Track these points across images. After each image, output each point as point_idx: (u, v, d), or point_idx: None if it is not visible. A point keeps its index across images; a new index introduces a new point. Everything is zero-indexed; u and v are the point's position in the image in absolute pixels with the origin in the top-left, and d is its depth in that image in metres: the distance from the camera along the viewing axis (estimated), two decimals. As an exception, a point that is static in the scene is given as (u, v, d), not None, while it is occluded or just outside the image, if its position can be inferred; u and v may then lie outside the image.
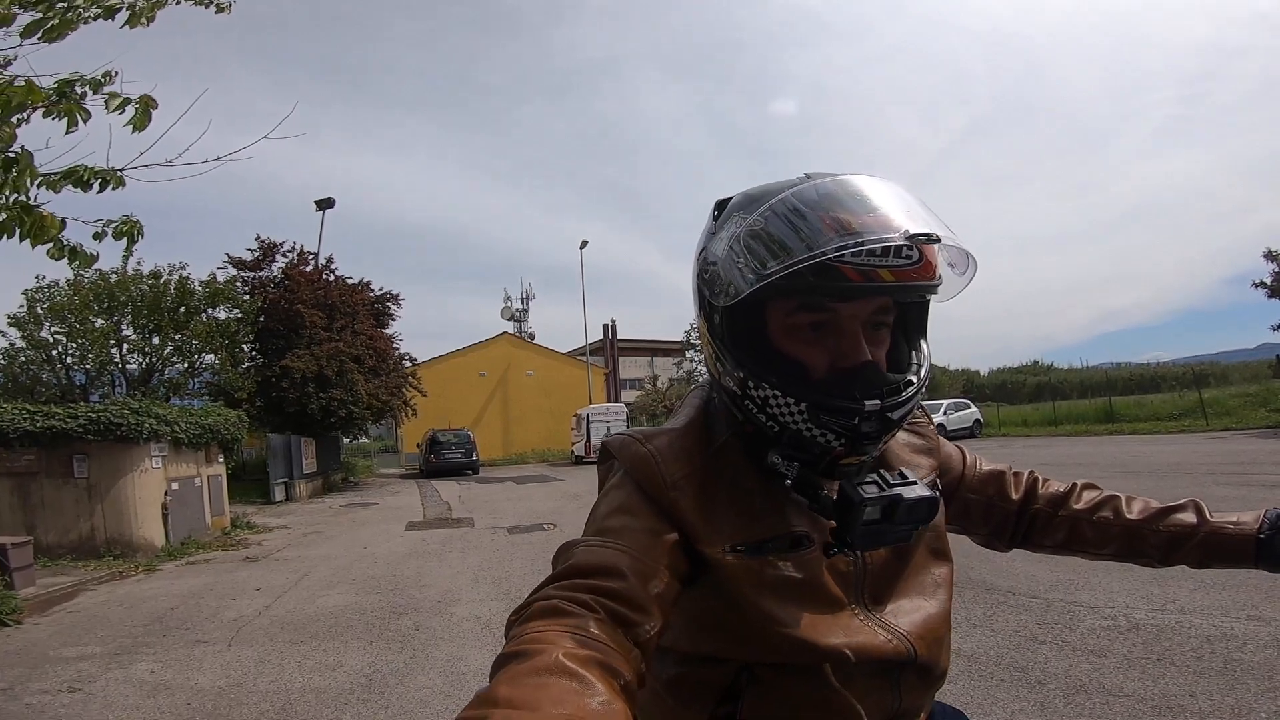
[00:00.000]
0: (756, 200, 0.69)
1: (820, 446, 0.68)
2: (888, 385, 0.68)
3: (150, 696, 3.65)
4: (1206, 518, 0.82)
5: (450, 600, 5.39)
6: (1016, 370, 44.11)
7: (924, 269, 0.66)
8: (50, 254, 2.78)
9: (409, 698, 3.40)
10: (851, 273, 0.63)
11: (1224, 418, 17.59)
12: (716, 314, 0.72)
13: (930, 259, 0.67)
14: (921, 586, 0.78)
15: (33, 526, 8.11)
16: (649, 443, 0.73)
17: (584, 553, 0.64)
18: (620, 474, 0.74)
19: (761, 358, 0.70)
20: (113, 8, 1.83)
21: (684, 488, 0.70)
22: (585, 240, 31.21)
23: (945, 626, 0.77)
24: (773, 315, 0.70)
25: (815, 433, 0.67)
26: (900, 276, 0.65)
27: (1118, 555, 0.87)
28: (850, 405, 0.66)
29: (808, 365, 0.69)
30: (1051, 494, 0.92)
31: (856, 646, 0.69)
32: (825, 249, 0.61)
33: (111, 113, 1.83)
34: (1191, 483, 8.15)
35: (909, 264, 0.65)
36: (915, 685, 0.74)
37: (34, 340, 14.76)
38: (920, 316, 0.75)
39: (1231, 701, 2.55)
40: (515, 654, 0.51)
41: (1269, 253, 19.06)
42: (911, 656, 0.72)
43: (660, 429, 0.77)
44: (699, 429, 0.76)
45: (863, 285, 0.64)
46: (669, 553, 0.66)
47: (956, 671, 3.10)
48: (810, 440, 0.68)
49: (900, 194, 0.67)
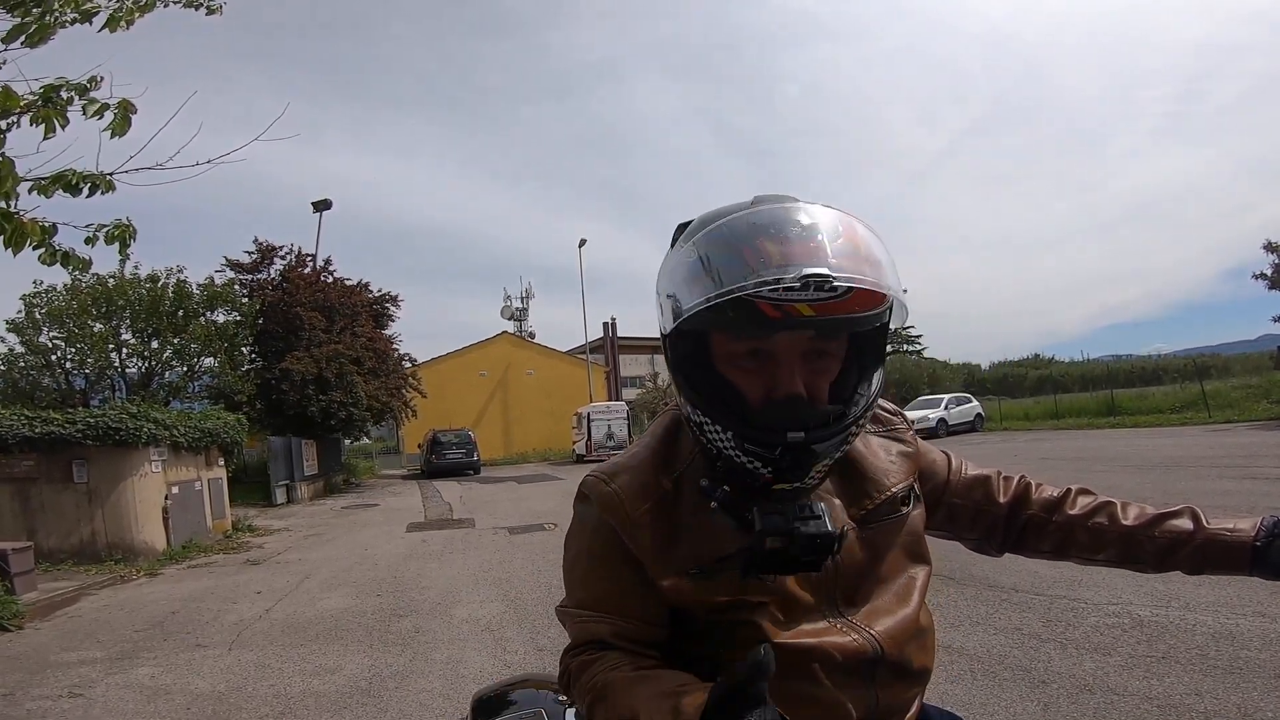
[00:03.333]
0: (698, 228, 0.71)
1: (748, 473, 0.70)
2: (815, 417, 0.69)
3: (150, 701, 3.65)
4: (1203, 524, 0.82)
5: (451, 602, 5.38)
6: (1018, 364, 44.08)
7: (854, 301, 0.64)
8: (42, 259, 2.76)
9: (408, 701, 3.38)
10: (767, 308, 0.63)
11: (1226, 410, 17.50)
12: (667, 340, 0.74)
13: (866, 295, 0.65)
14: (896, 588, 0.80)
15: (33, 531, 8.11)
16: (614, 481, 0.78)
17: (577, 630, 0.79)
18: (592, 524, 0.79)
19: (704, 384, 0.72)
20: (89, 11, 1.80)
21: (643, 524, 0.75)
22: (584, 239, 31.20)
23: (918, 626, 0.78)
24: (716, 342, 0.71)
25: (743, 460, 0.70)
26: (822, 310, 0.64)
27: (1113, 561, 0.87)
28: (771, 437, 0.67)
29: (745, 394, 0.71)
30: (1045, 499, 0.91)
31: (817, 644, 0.72)
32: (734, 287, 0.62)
33: (90, 118, 1.80)
34: (1194, 476, 8.11)
35: (832, 297, 0.63)
36: (891, 684, 0.75)
37: (33, 345, 14.76)
38: (875, 345, 0.74)
39: (1237, 700, 2.52)
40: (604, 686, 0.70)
41: (1269, 244, 19.00)
42: (879, 654, 0.73)
43: (623, 465, 0.80)
44: (661, 455, 0.80)
45: (779, 320, 0.64)
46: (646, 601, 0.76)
47: (959, 671, 3.08)
48: (740, 467, 0.70)
49: (832, 226, 0.66)
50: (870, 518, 0.79)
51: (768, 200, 0.70)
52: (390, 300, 22.74)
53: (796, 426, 0.66)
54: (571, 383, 32.68)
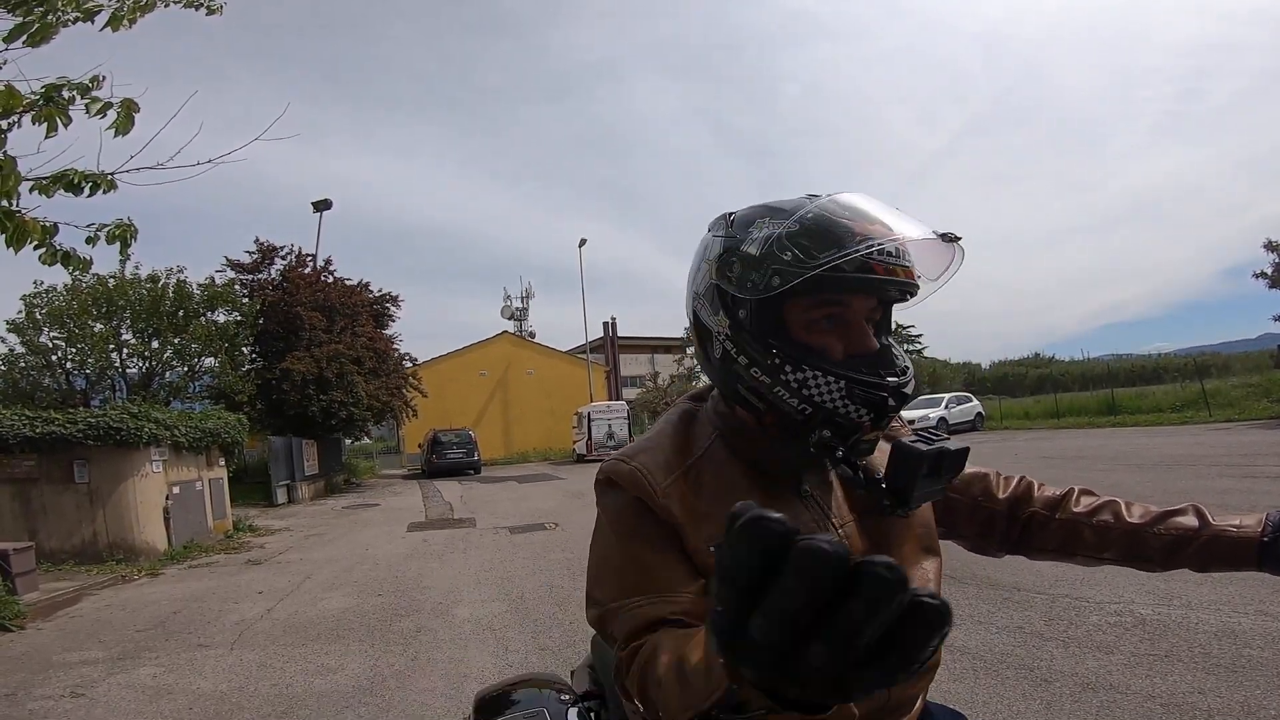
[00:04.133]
0: (782, 210, 0.76)
1: (852, 423, 0.73)
2: (899, 366, 0.76)
3: (152, 701, 3.64)
4: (1208, 521, 0.81)
5: (452, 602, 5.38)
6: (1018, 363, 44.11)
7: (913, 269, 0.76)
8: (43, 259, 2.76)
9: (410, 700, 3.38)
10: (879, 267, 0.72)
11: (1226, 409, 17.50)
12: (743, 309, 0.76)
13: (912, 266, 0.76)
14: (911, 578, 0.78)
15: (35, 532, 8.11)
16: (634, 460, 0.79)
17: (630, 617, 0.72)
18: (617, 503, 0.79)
19: (789, 347, 0.76)
20: (91, 10, 1.80)
21: (671, 495, 0.76)
22: (584, 238, 31.19)
23: None
24: (791, 312, 0.76)
25: (850, 408, 0.72)
26: (907, 275, 0.75)
27: (1118, 559, 0.87)
28: (879, 380, 0.73)
29: (829, 351, 0.75)
30: (1048, 498, 0.91)
31: None
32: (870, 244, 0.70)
33: (93, 117, 1.80)
34: (1195, 475, 8.11)
35: (910, 264, 0.75)
36: None
37: (33, 346, 14.76)
38: (887, 319, 0.82)
39: (1240, 698, 2.52)
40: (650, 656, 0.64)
41: (1269, 243, 18.98)
42: None
43: (640, 446, 0.83)
44: (678, 440, 0.82)
45: (886, 279, 0.73)
46: (687, 575, 0.73)
47: (962, 669, 3.08)
48: (845, 416, 0.73)
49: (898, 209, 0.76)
50: (870, 511, 0.80)
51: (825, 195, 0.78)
52: (390, 300, 22.72)
53: (895, 374, 0.75)
54: (572, 382, 32.67)
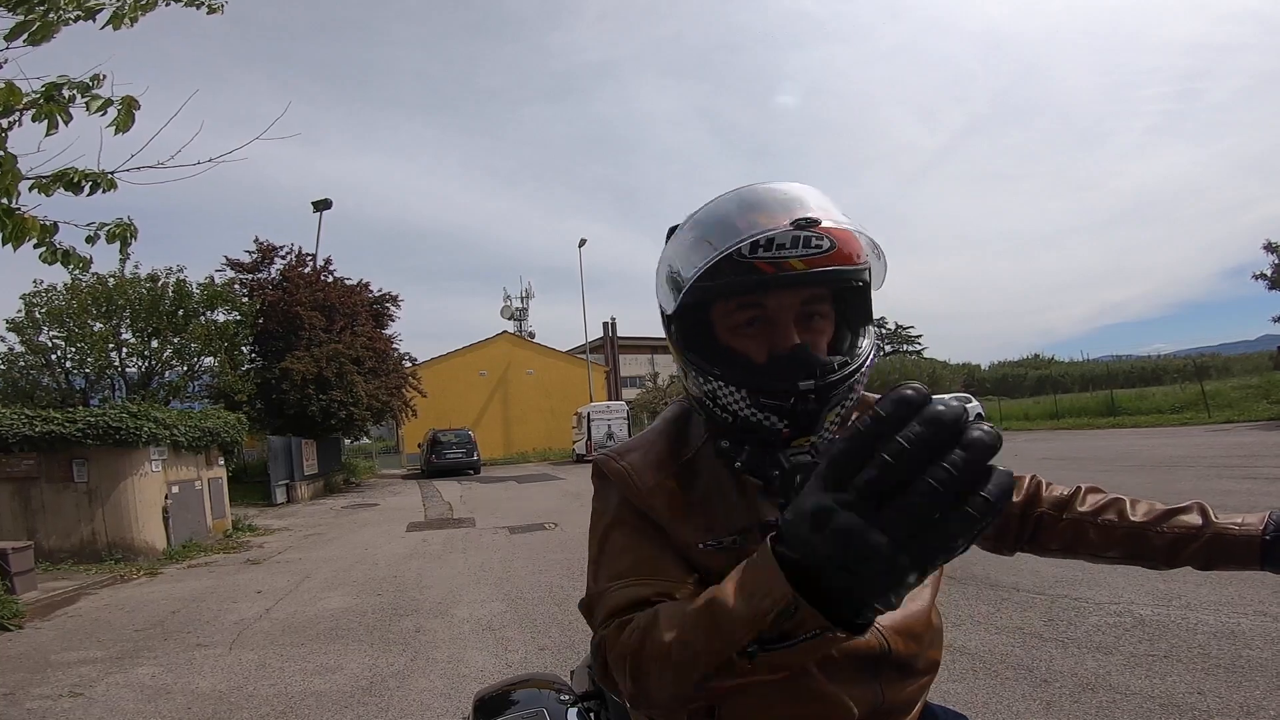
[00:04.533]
0: (691, 216, 0.77)
1: (767, 430, 0.72)
2: (820, 365, 0.72)
3: (150, 701, 3.64)
4: (1211, 519, 0.82)
5: (451, 601, 5.37)
6: (1017, 364, 44.13)
7: (837, 256, 0.70)
8: (43, 258, 2.76)
9: (409, 700, 3.38)
10: (763, 265, 0.69)
11: (1226, 410, 17.52)
12: (672, 323, 0.78)
13: (847, 248, 0.71)
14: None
15: (34, 531, 8.10)
16: (623, 459, 0.80)
17: (614, 596, 0.71)
18: (609, 497, 0.80)
19: (711, 356, 0.76)
20: (92, 9, 1.80)
21: (658, 494, 0.76)
22: (584, 239, 31.20)
23: (927, 622, 0.79)
24: (717, 318, 0.76)
25: (760, 416, 0.72)
26: (812, 264, 0.69)
27: (1122, 558, 0.87)
28: (784, 387, 0.70)
29: (749, 357, 0.74)
30: (1055, 497, 0.92)
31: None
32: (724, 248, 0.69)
33: (93, 114, 1.80)
34: (1195, 476, 8.12)
35: (819, 253, 0.69)
36: (896, 680, 0.76)
37: (33, 345, 14.74)
38: (861, 305, 0.78)
39: (1240, 699, 2.52)
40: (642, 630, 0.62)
41: (1269, 244, 19.01)
42: (886, 650, 0.73)
43: (632, 445, 0.83)
44: (670, 440, 0.82)
45: (777, 276, 0.69)
46: (677, 563, 0.73)
47: (961, 670, 3.08)
48: (757, 425, 0.72)
49: (808, 192, 0.73)
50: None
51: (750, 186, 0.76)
52: (390, 300, 22.73)
53: (806, 376, 0.70)
54: (571, 382, 32.68)
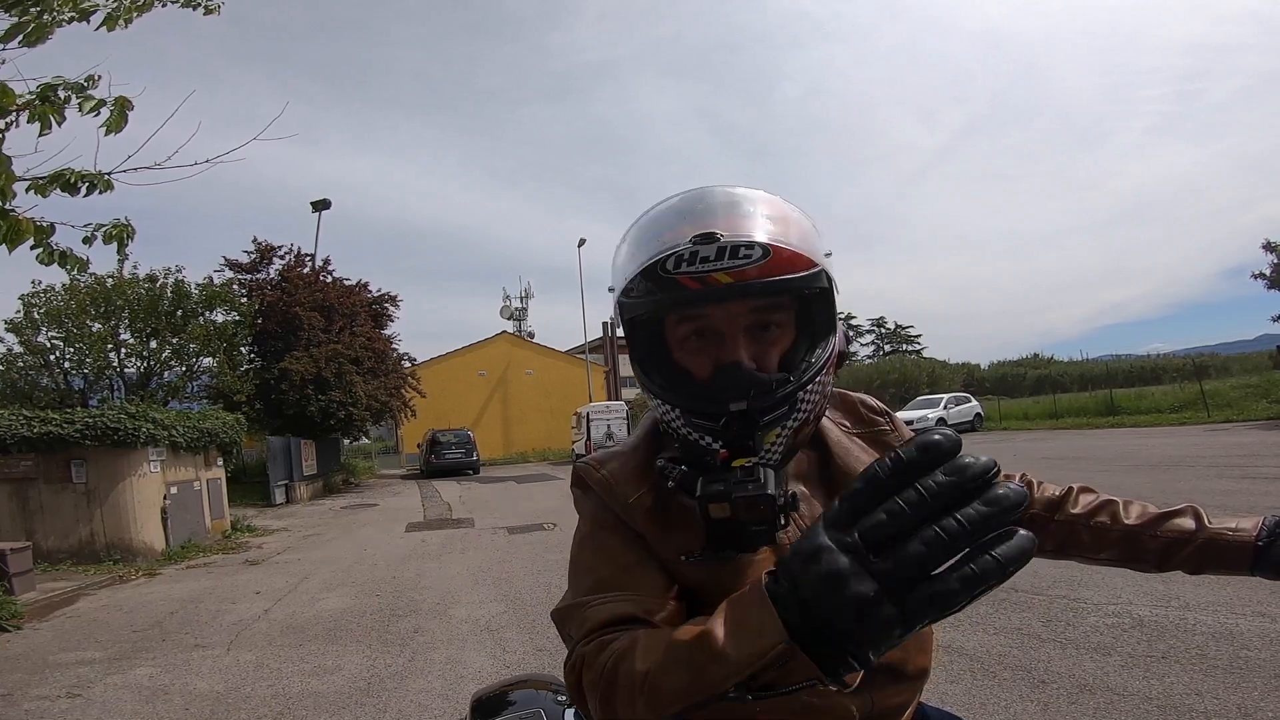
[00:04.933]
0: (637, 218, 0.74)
1: (702, 449, 0.69)
2: (758, 385, 0.67)
3: (148, 702, 3.64)
4: (1205, 523, 0.81)
5: (450, 602, 5.37)
6: (1017, 363, 44.07)
7: (772, 266, 0.64)
8: (40, 259, 2.75)
9: (407, 701, 3.38)
10: (688, 281, 0.64)
11: (1225, 409, 17.53)
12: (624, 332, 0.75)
13: (785, 256, 0.65)
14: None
15: (32, 532, 8.10)
16: (603, 468, 0.78)
17: (594, 611, 0.68)
18: (591, 506, 0.78)
19: (654, 369, 0.73)
20: (86, 10, 1.80)
21: (637, 507, 0.74)
22: (583, 238, 31.16)
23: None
24: (668, 331, 0.73)
25: (694, 436, 0.69)
26: (741, 276, 0.64)
27: (1114, 560, 0.86)
28: (715, 408, 0.67)
29: (691, 372, 0.72)
30: (1047, 498, 0.91)
31: None
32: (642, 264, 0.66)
33: (86, 115, 1.80)
34: (1194, 476, 8.12)
35: (749, 263, 0.64)
36: (886, 685, 0.74)
37: (31, 345, 14.74)
38: (822, 312, 0.72)
39: (1238, 700, 2.52)
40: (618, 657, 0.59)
41: (1268, 244, 19.02)
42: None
43: (613, 453, 0.81)
44: (649, 448, 0.79)
45: (701, 291, 0.65)
46: (658, 574, 0.71)
47: (959, 671, 3.07)
48: (693, 444, 0.70)
49: (740, 196, 0.68)
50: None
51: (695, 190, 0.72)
52: (389, 300, 22.71)
53: (739, 395, 0.66)
54: (571, 382, 32.66)
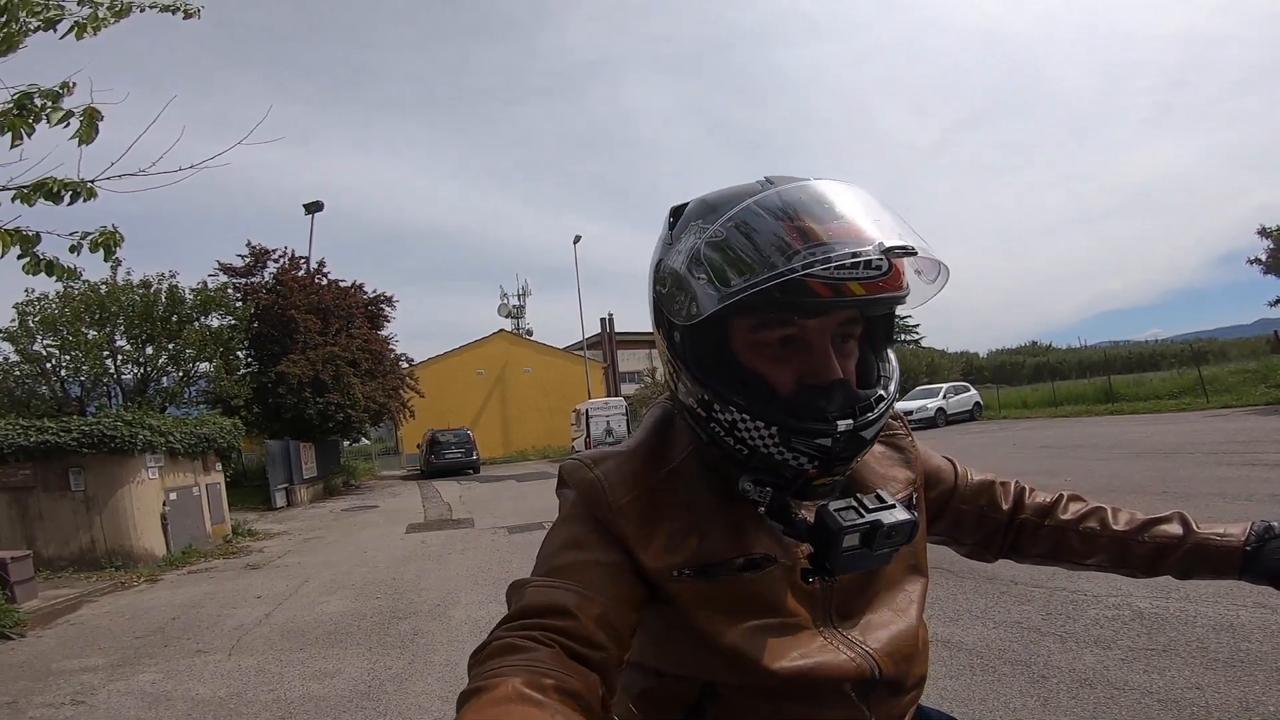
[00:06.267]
0: (715, 209, 0.65)
1: (793, 470, 0.65)
2: (859, 403, 0.65)
3: (151, 708, 3.64)
4: (1193, 529, 0.82)
5: (450, 603, 5.37)
6: (1015, 352, 44.20)
7: (893, 280, 0.62)
8: (26, 268, 2.73)
9: (407, 704, 3.38)
10: (821, 288, 0.59)
11: (1223, 395, 17.53)
12: (677, 332, 0.68)
13: (899, 268, 0.63)
14: (893, 602, 0.77)
15: (33, 540, 8.09)
16: (597, 467, 0.72)
17: (533, 593, 0.63)
18: (570, 502, 0.73)
19: (726, 377, 0.66)
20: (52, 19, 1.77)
21: (629, 512, 0.68)
22: (579, 235, 31.01)
23: (915, 641, 0.76)
24: (736, 331, 0.66)
25: (786, 456, 0.64)
26: (871, 289, 0.61)
27: (1103, 566, 0.87)
28: (822, 427, 0.63)
29: (775, 384, 0.66)
30: (1038, 504, 0.91)
31: (811, 668, 0.68)
32: (794, 265, 0.58)
33: (54, 126, 1.77)
34: (1194, 463, 8.12)
35: (879, 275, 0.61)
36: (885, 699, 0.74)
37: (27, 354, 14.71)
38: (887, 326, 0.72)
39: (1239, 693, 2.52)
40: (475, 690, 0.53)
41: (1263, 229, 19.01)
42: (875, 674, 0.71)
43: (611, 451, 0.75)
44: (652, 449, 0.74)
45: (833, 300, 0.60)
46: (619, 582, 0.65)
47: (958, 666, 3.07)
48: (782, 463, 0.65)
49: (867, 201, 0.63)
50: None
51: (783, 180, 0.65)
52: (385, 301, 22.64)
53: (845, 414, 0.63)
54: (570, 379, 32.65)
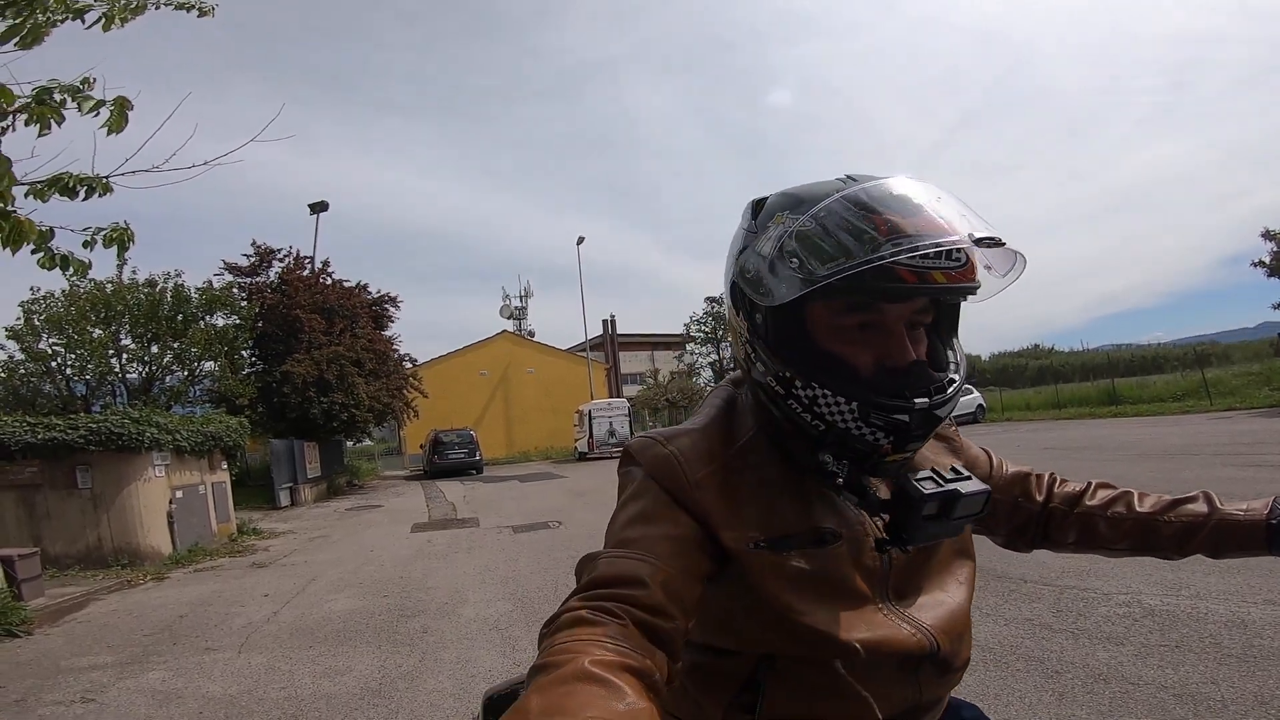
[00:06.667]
0: (804, 201, 0.70)
1: (869, 445, 0.69)
2: (934, 384, 0.70)
3: (162, 706, 3.64)
4: (1217, 506, 0.83)
5: (458, 601, 5.37)
6: (1018, 354, 44.18)
7: (968, 271, 0.68)
8: (41, 263, 2.74)
9: (419, 701, 3.38)
10: (907, 275, 0.65)
11: (1227, 397, 17.53)
12: (759, 313, 0.73)
13: (973, 260, 0.68)
14: (945, 583, 0.80)
15: (39, 538, 8.10)
16: (671, 443, 0.75)
17: (605, 564, 0.65)
18: (640, 478, 0.74)
19: (807, 357, 0.71)
20: (80, 10, 1.78)
21: (706, 486, 0.72)
22: (582, 236, 31.16)
23: (966, 621, 0.80)
24: (817, 315, 0.71)
25: (864, 431, 0.69)
26: (951, 279, 0.66)
27: (1133, 549, 0.88)
28: (900, 403, 0.67)
29: (854, 365, 0.70)
30: (1067, 493, 0.93)
31: (877, 641, 0.71)
32: (885, 252, 0.62)
33: (85, 115, 1.78)
34: (1199, 465, 8.11)
35: (958, 266, 0.67)
36: (934, 678, 0.76)
37: (32, 352, 14.72)
38: (953, 317, 0.76)
39: (1253, 688, 2.52)
40: (545, 665, 0.54)
41: (1267, 232, 18.97)
42: (934, 650, 0.74)
43: (681, 429, 0.78)
44: (721, 427, 0.78)
45: (916, 287, 0.66)
46: (688, 554, 0.68)
47: (972, 662, 3.07)
48: (859, 439, 0.69)
49: (947, 197, 0.68)
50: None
51: (865, 178, 0.70)
52: (390, 301, 22.71)
53: (921, 393, 0.68)
54: (572, 380, 32.69)
